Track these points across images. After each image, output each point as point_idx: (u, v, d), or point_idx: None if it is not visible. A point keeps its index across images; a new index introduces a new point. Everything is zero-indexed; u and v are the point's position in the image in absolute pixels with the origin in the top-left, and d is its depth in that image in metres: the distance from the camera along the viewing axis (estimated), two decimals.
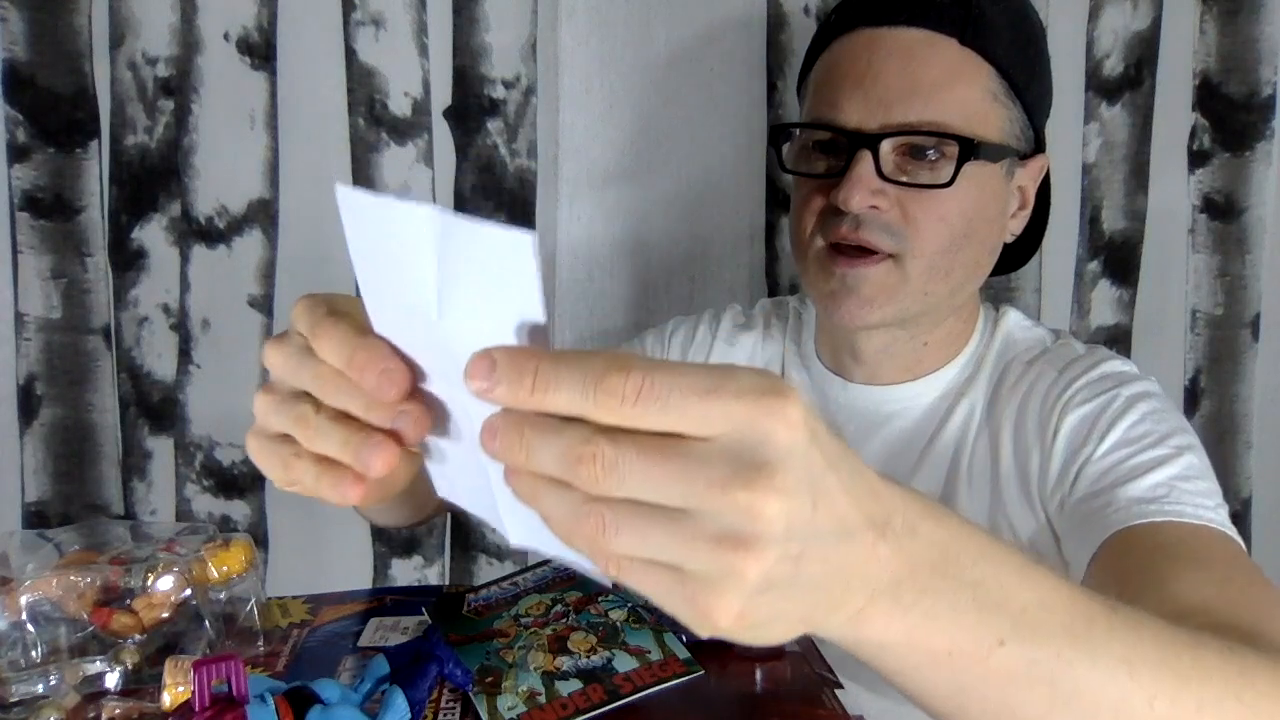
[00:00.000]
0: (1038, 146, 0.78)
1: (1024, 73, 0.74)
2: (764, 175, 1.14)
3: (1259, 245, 1.15)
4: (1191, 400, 1.19)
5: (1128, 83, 1.12)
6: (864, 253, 0.72)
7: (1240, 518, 1.19)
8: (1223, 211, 1.15)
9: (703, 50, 1.10)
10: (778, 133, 0.77)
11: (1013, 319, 0.83)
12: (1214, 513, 0.63)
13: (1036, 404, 0.74)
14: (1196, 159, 1.15)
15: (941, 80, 0.71)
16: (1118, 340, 1.17)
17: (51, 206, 1.10)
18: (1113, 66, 1.11)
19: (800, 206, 0.77)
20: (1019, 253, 0.83)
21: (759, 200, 1.15)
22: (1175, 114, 1.14)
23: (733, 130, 1.12)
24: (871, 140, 0.70)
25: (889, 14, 0.72)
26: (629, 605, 0.66)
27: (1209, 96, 1.13)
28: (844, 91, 0.72)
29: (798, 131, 0.77)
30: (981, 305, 0.83)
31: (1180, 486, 0.64)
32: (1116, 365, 0.75)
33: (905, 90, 0.70)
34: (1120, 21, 1.11)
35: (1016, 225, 0.79)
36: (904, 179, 0.71)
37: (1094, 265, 1.16)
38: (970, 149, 0.70)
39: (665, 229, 1.12)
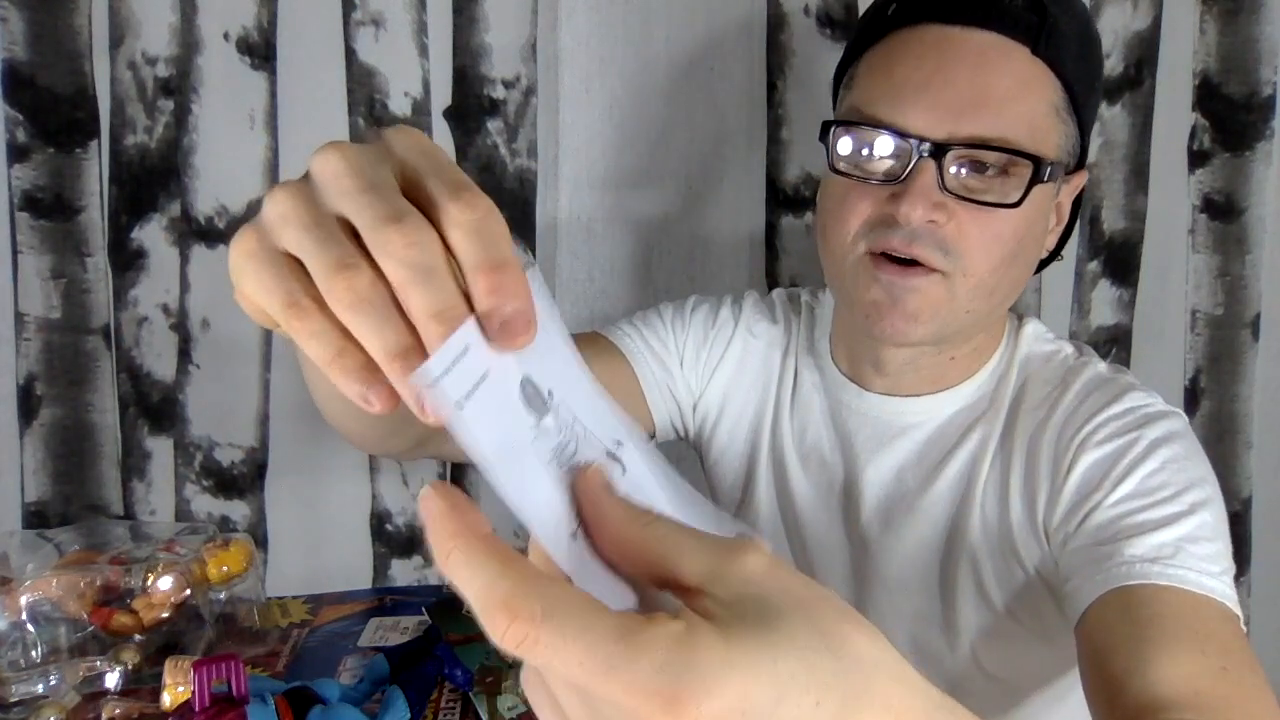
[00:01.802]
0: (1079, 162, 0.74)
1: (1086, 88, 0.70)
2: (764, 175, 1.14)
3: (1259, 245, 1.15)
4: (1191, 400, 1.19)
5: (1128, 83, 1.12)
6: (911, 263, 0.68)
7: (1240, 518, 1.19)
8: (1223, 211, 1.15)
9: (703, 50, 1.10)
10: (827, 129, 0.72)
11: (1033, 331, 0.80)
12: (1218, 580, 0.61)
13: (1053, 434, 0.72)
14: (1196, 159, 1.15)
15: (1013, 92, 0.66)
16: (1118, 340, 1.17)
17: (51, 206, 1.10)
18: (1113, 66, 1.11)
19: (843, 209, 0.71)
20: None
21: (759, 200, 1.15)
22: (1175, 114, 1.14)
23: (733, 130, 1.12)
24: (936, 149, 0.66)
25: (962, 13, 0.67)
26: None
27: (1209, 96, 1.13)
28: (908, 93, 0.67)
29: (840, 129, 0.71)
30: (1006, 316, 0.81)
31: (1188, 549, 0.62)
32: (1140, 398, 0.71)
33: (975, 99, 0.66)
34: (1120, 21, 1.11)
35: (1051, 241, 0.76)
36: (968, 195, 0.67)
37: (1094, 265, 1.16)
38: (1040, 170, 0.66)
39: (665, 229, 1.12)
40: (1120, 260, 1.16)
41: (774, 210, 1.15)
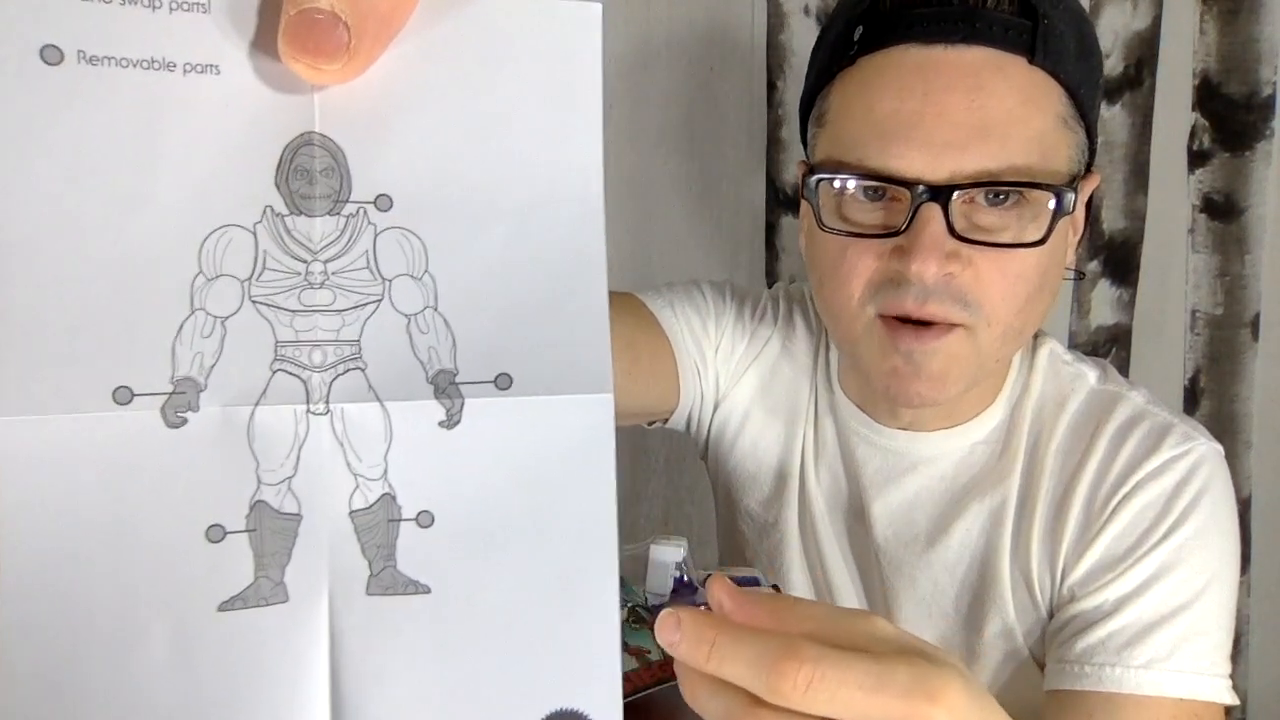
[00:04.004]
0: (1088, 164, 0.66)
1: (1090, 89, 0.62)
2: (764, 175, 1.14)
3: (1259, 245, 1.15)
4: (1191, 400, 1.19)
5: (1128, 83, 1.12)
6: (928, 321, 0.61)
7: (1240, 518, 1.19)
8: (1223, 211, 1.15)
9: (703, 50, 1.10)
10: (805, 179, 0.65)
11: (1051, 352, 0.73)
12: (1207, 676, 0.62)
13: (1087, 488, 0.67)
14: (1196, 159, 1.15)
15: (1016, 113, 0.58)
16: (1117, 340, 1.17)
17: None
18: (1113, 66, 1.11)
19: (842, 270, 0.62)
20: None
21: (759, 200, 1.15)
22: (1175, 114, 1.14)
23: (733, 130, 1.12)
24: (939, 193, 0.57)
25: (944, 30, 0.58)
26: (629, 605, 0.66)
27: (1209, 96, 1.13)
28: (896, 132, 0.58)
29: (823, 182, 0.63)
30: None
31: (1184, 648, 0.62)
32: (1177, 443, 0.66)
33: (976, 130, 0.57)
34: (1120, 21, 1.11)
35: (1072, 258, 0.68)
36: (983, 237, 0.59)
37: (1094, 265, 1.16)
38: (1062, 202, 0.59)
39: (665, 229, 1.12)
40: (1120, 260, 1.16)
41: (774, 210, 1.15)
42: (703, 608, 0.37)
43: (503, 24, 0.24)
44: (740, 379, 0.79)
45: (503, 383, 0.25)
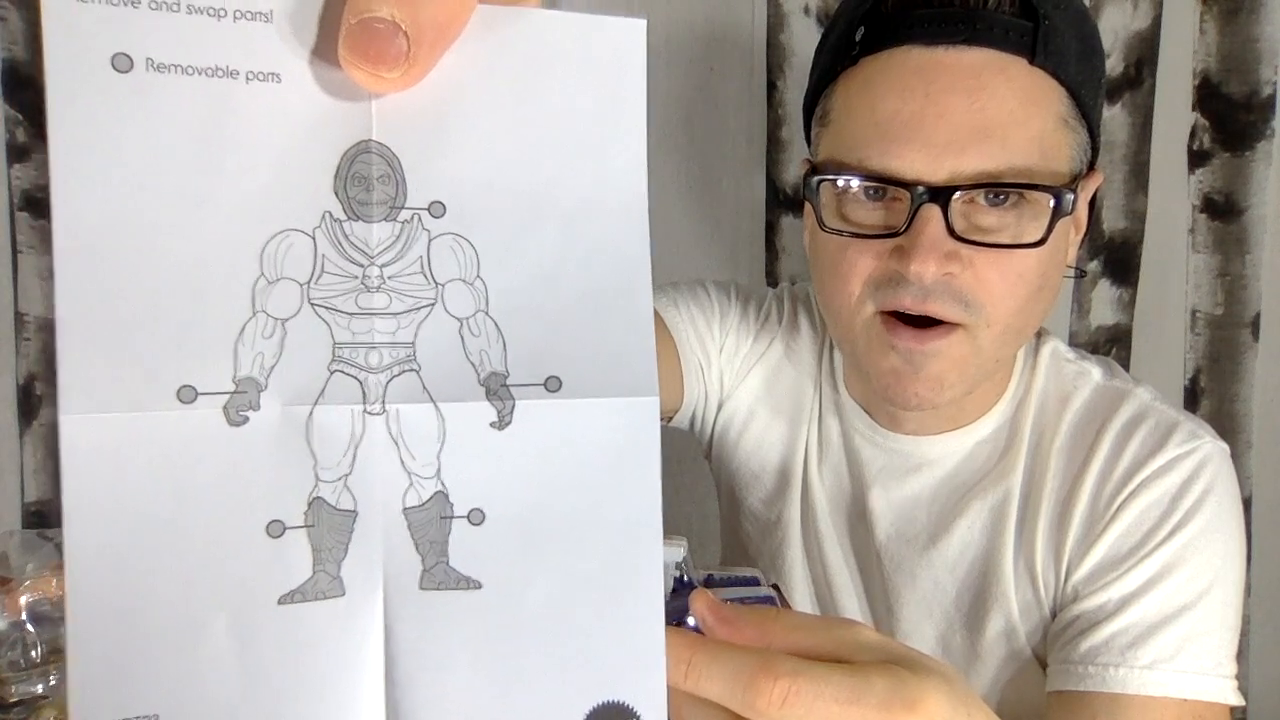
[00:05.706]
0: (1091, 163, 0.66)
1: (1092, 88, 0.62)
2: (764, 175, 1.14)
3: (1259, 245, 1.15)
4: (1192, 400, 1.19)
5: (1128, 83, 1.12)
6: (928, 320, 0.61)
7: None
8: (1223, 211, 1.15)
9: (703, 50, 1.10)
10: (808, 179, 0.65)
11: (1054, 350, 0.73)
12: (1212, 679, 0.62)
13: (1092, 486, 0.67)
14: (1196, 159, 1.15)
15: (1016, 114, 0.58)
16: (1118, 340, 1.17)
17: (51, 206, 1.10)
18: (1113, 66, 1.11)
19: (842, 269, 0.63)
20: None
21: (759, 200, 1.15)
22: (1175, 114, 1.14)
23: (733, 130, 1.12)
24: (938, 194, 0.58)
25: (946, 31, 0.58)
26: None
27: (1209, 96, 1.13)
28: (897, 133, 0.59)
29: (825, 182, 0.63)
30: None
31: (1189, 649, 0.62)
32: (1182, 441, 0.66)
33: (976, 131, 0.57)
34: (1120, 21, 1.11)
35: (1073, 255, 0.67)
36: (983, 238, 0.59)
37: (1094, 265, 1.16)
38: (1061, 202, 0.59)
39: (665, 230, 1.12)
40: (1120, 260, 1.16)
41: (774, 210, 1.15)
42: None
43: (551, 36, 0.25)
44: (744, 378, 0.79)
45: (552, 385, 0.26)
